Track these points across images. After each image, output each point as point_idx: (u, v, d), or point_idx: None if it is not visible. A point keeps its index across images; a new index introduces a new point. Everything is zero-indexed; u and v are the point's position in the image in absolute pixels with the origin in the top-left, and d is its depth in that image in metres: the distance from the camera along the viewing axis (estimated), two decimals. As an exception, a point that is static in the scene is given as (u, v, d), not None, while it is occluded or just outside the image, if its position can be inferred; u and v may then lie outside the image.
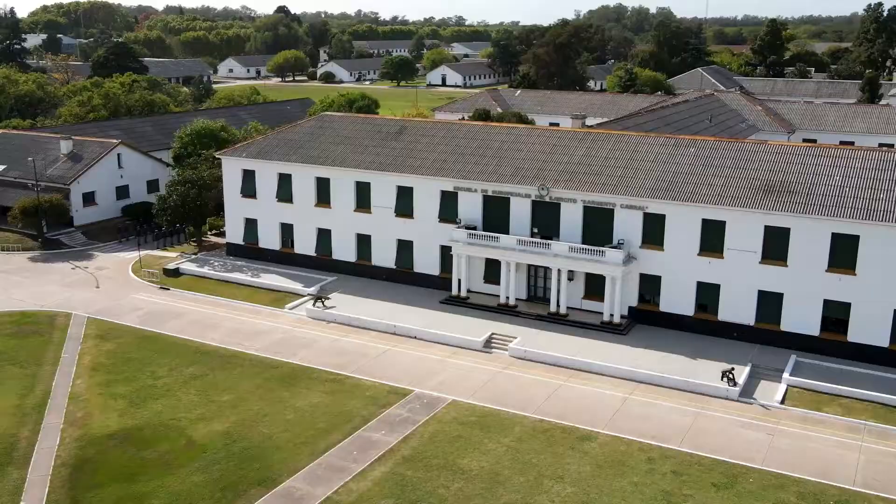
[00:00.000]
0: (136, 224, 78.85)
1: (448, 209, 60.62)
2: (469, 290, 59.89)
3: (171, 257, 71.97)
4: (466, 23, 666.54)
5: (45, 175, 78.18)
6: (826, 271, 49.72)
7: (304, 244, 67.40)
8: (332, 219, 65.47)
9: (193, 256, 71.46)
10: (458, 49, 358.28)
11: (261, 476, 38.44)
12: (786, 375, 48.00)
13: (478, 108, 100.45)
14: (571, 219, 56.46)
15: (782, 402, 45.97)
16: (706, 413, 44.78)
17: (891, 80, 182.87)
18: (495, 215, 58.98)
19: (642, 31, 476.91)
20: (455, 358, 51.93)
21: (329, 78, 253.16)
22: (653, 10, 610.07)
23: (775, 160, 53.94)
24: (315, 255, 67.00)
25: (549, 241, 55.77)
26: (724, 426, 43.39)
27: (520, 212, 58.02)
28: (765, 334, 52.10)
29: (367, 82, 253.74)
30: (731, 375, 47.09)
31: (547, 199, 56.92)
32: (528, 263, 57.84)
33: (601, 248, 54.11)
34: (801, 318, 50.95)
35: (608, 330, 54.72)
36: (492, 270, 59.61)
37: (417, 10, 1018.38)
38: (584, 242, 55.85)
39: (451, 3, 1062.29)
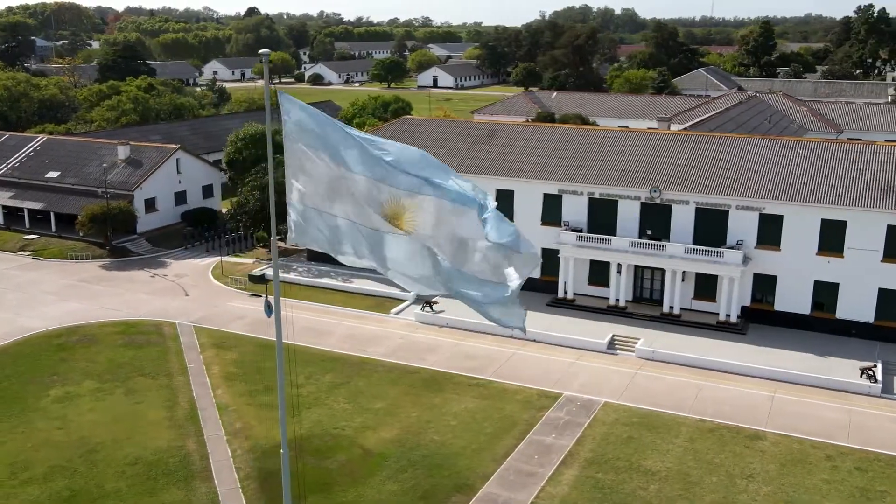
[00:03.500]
0: (203, 230, 77.70)
1: (551, 212, 60.77)
2: (574, 293, 60.17)
3: (248, 263, 71.05)
4: (434, 23, 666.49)
5: (106, 181, 76.51)
6: (949, 269, 51.04)
7: (394, 248, 66.85)
8: (425, 223, 65.06)
9: (275, 262, 70.50)
10: (435, 50, 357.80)
11: (454, 483, 38.25)
12: (919, 371, 49.17)
13: (540, 111, 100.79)
14: (683, 220, 57.03)
15: (924, 397, 47.10)
16: (857, 410, 45.63)
17: (884, 80, 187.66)
18: (602, 218, 59.31)
19: (608, 31, 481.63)
20: (584, 360, 52.15)
21: (318, 80, 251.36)
22: (618, 11, 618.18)
23: (887, 160, 55.11)
24: (405, 259, 66.54)
25: (664, 243, 56.29)
26: (880, 422, 44.28)
27: (628, 214, 58.42)
28: (885, 331, 53.20)
29: (357, 84, 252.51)
30: (871, 372, 48.04)
31: (658, 202, 57.43)
32: (638, 265, 58.27)
33: (719, 249, 54.78)
34: (923, 314, 52.20)
35: (726, 329, 55.41)
36: (597, 272, 59.94)
37: (381, 11, 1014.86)
38: (695, 243, 56.47)
39: (415, 3, 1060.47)
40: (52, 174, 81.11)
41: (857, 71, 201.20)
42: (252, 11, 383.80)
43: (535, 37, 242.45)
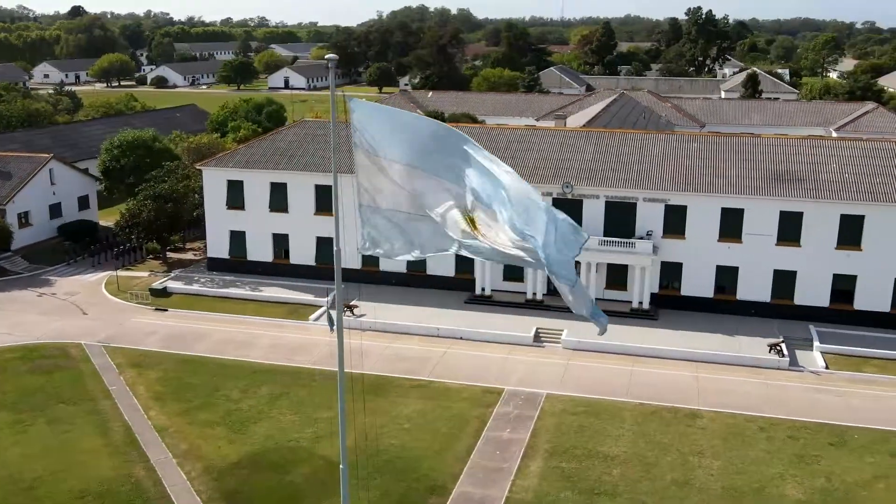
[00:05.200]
0: (88, 244, 73.06)
1: (464, 211, 61.48)
2: (491, 289, 61.33)
3: (144, 277, 67.54)
4: (270, 23, 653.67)
5: (-26, 195, 70.57)
6: (835, 248, 55.96)
7: (302, 254, 65.67)
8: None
9: (174, 274, 67.41)
10: (279, 51, 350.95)
11: (426, 486, 38.29)
12: (817, 344, 53.60)
13: (423, 111, 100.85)
14: (593, 214, 59.34)
15: (826, 367, 51.46)
16: (773, 383, 49.28)
17: (714, 76, 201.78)
18: (515, 214, 60.62)
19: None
20: (515, 354, 53.30)
21: (162, 83, 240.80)
22: (454, 12, 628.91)
23: (775, 151, 59.62)
24: (315, 264, 65.45)
25: (578, 236, 58.33)
26: (796, 393, 48.04)
27: (541, 210, 60.02)
28: (780, 309, 57.64)
29: (204, 86, 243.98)
30: (779, 348, 52.00)
31: (569, 197, 59.48)
32: (552, 259, 60.03)
33: (631, 241, 57.47)
34: (813, 291, 56.95)
35: (639, 316, 58.19)
36: (512, 268, 61.13)
37: (212, 11, 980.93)
38: (606, 236, 58.92)
39: (247, 3, 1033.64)
40: None
41: (690, 69, 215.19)
42: (77, 11, 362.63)
43: (385, 37, 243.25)
